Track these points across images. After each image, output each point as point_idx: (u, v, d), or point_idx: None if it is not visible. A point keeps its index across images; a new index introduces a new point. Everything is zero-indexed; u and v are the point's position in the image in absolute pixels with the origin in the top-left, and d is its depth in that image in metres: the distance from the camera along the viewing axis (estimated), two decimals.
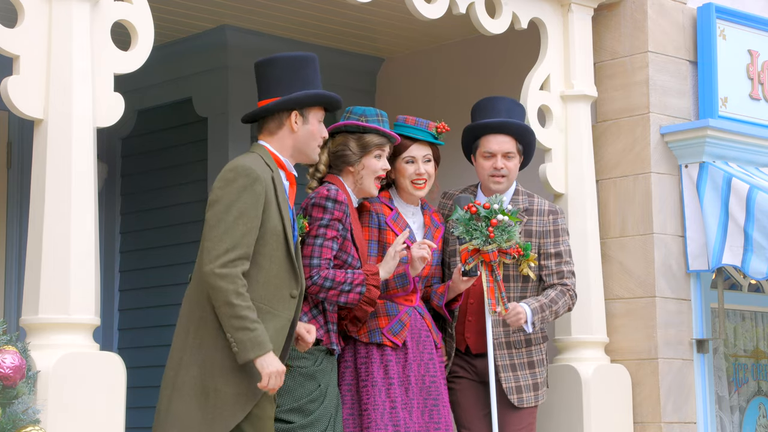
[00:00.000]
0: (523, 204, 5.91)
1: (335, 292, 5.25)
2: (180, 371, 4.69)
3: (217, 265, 4.57)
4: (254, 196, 4.67)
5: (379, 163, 5.49)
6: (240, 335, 4.56)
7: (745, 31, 7.21)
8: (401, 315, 5.56)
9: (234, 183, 4.68)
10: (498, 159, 5.85)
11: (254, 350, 4.57)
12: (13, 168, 7.90)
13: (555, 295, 5.80)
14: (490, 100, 5.99)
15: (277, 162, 4.89)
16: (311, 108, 4.95)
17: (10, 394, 4.61)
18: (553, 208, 5.97)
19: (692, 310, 6.86)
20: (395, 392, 5.44)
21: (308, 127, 4.95)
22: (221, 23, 7.72)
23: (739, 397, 7.22)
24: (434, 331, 5.69)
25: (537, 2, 6.70)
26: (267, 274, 4.72)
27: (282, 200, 4.80)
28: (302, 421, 5.18)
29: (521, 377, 5.82)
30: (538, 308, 5.71)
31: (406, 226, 5.64)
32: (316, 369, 5.26)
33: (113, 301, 8.51)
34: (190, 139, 8.10)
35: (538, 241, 5.87)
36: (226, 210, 4.64)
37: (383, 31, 7.85)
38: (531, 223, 5.88)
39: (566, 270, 5.88)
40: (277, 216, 4.76)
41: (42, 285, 4.93)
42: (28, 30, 5.04)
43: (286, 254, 4.79)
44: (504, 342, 5.82)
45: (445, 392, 5.63)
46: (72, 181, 5.00)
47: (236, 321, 4.56)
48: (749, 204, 6.59)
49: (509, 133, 5.88)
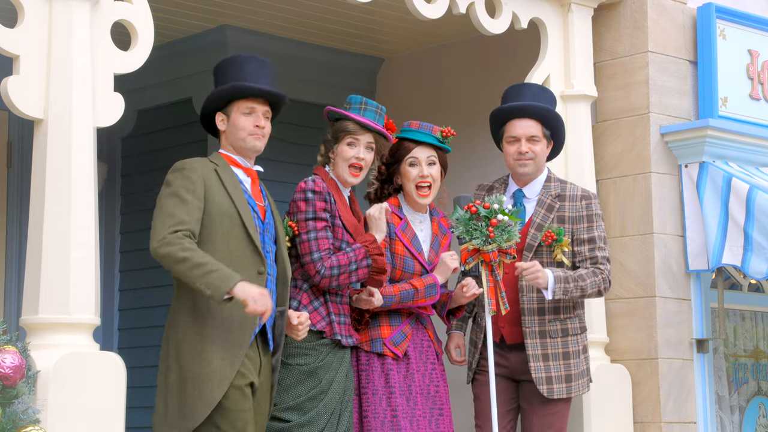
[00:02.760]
0: (555, 190, 5.83)
1: (346, 276, 5.25)
2: (169, 374, 4.82)
3: (156, 240, 4.72)
4: (186, 180, 4.84)
5: (351, 151, 5.41)
6: (206, 278, 4.64)
7: (745, 31, 7.21)
8: (403, 326, 5.54)
9: (168, 182, 4.88)
10: (522, 143, 5.79)
11: (226, 282, 4.64)
12: (13, 168, 7.90)
13: (585, 273, 5.69)
14: (516, 86, 5.95)
15: (229, 160, 5.03)
16: (231, 104, 5.03)
17: (10, 394, 4.62)
18: (586, 193, 5.88)
19: (692, 310, 6.86)
20: (396, 401, 5.41)
21: (232, 122, 5.04)
22: (221, 23, 7.71)
23: (739, 396, 7.22)
24: (435, 341, 5.68)
25: (537, 2, 6.70)
26: (227, 254, 4.82)
27: (232, 188, 4.92)
28: (299, 420, 5.17)
29: (553, 368, 5.72)
30: (562, 278, 5.61)
31: (413, 236, 5.61)
32: (318, 365, 5.24)
33: (113, 301, 8.51)
34: (190, 139, 8.09)
35: (571, 227, 5.78)
36: (166, 201, 4.82)
37: (383, 31, 7.85)
38: (564, 209, 5.80)
39: (600, 255, 5.76)
40: (226, 200, 4.88)
41: (42, 285, 4.93)
42: (28, 30, 5.04)
43: (245, 234, 4.88)
44: (538, 331, 5.74)
45: (447, 400, 5.62)
46: (72, 181, 5.00)
47: (196, 270, 4.65)
48: (749, 204, 6.59)
49: (532, 116, 5.80)
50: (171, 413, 4.79)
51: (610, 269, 5.79)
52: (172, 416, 4.78)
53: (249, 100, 5.02)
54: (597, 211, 5.83)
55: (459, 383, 6.77)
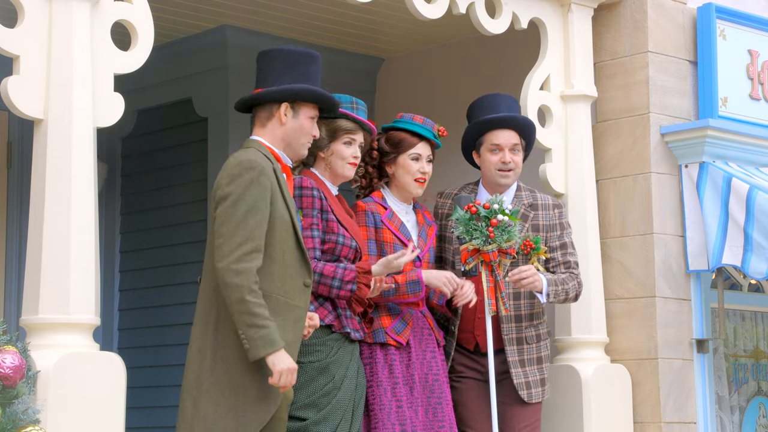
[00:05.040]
0: (527, 199, 5.98)
1: (324, 287, 5.23)
2: (203, 372, 4.63)
3: (231, 260, 4.53)
4: (261, 188, 4.64)
5: (348, 150, 5.44)
6: (251, 332, 4.52)
7: (745, 31, 7.20)
8: (404, 314, 5.57)
9: (240, 178, 4.64)
10: (506, 153, 5.90)
11: (265, 347, 4.52)
12: (13, 168, 7.90)
13: (565, 277, 5.89)
14: (492, 97, 6.05)
15: (273, 154, 4.85)
16: (303, 103, 4.90)
17: (10, 394, 4.61)
18: (556, 202, 6.08)
19: (692, 310, 6.86)
20: (400, 391, 5.44)
21: (298, 122, 4.90)
22: (221, 23, 7.71)
23: (739, 397, 7.22)
24: (436, 329, 5.70)
25: (537, 2, 6.70)
26: (281, 265, 4.69)
27: (285, 190, 4.77)
28: (315, 417, 5.17)
29: (530, 373, 5.83)
30: (552, 281, 5.80)
31: (401, 224, 5.65)
32: (330, 360, 5.25)
33: (113, 301, 8.50)
34: (190, 139, 8.10)
35: (545, 235, 5.94)
36: (235, 205, 4.60)
37: (383, 31, 7.85)
38: (538, 217, 5.96)
39: (572, 260, 5.97)
40: (283, 206, 4.73)
41: (42, 285, 4.93)
42: (28, 30, 5.04)
43: (296, 244, 4.76)
44: (515, 338, 5.82)
45: (448, 390, 5.64)
46: (72, 181, 5.00)
47: (248, 318, 4.51)
48: (749, 204, 6.59)
49: (515, 127, 5.95)
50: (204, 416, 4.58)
51: (580, 273, 6.01)
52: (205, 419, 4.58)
53: (316, 108, 4.94)
54: (566, 219, 6.09)
55: None
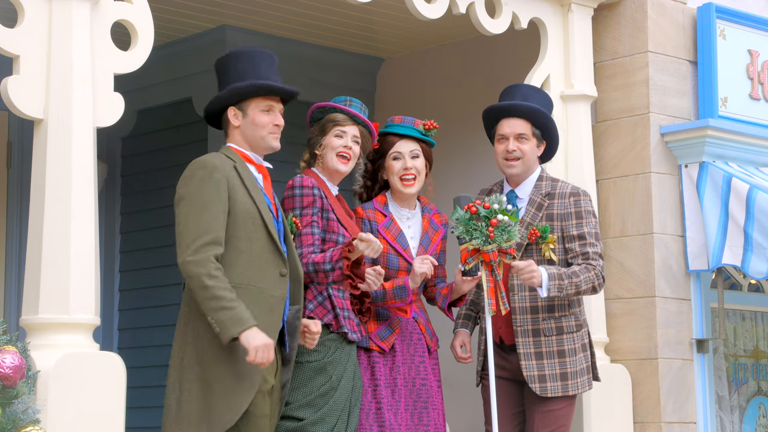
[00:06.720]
0: (545, 189, 5.81)
1: (322, 274, 5.23)
2: (183, 372, 4.72)
3: (188, 253, 4.63)
4: (214, 183, 4.75)
5: (339, 141, 5.45)
6: (219, 315, 4.58)
7: (745, 31, 7.21)
8: (391, 320, 5.56)
9: (192, 178, 4.78)
10: (510, 142, 5.79)
11: (236, 326, 4.58)
12: (13, 168, 7.90)
13: (578, 269, 5.66)
14: (509, 87, 5.95)
15: (242, 156, 4.96)
16: (248, 100, 4.97)
17: (10, 394, 4.62)
18: (575, 190, 5.83)
19: (692, 310, 6.86)
20: (381, 394, 5.45)
21: (248, 118, 4.98)
22: (221, 23, 7.71)
23: (739, 397, 7.22)
24: (428, 335, 5.68)
25: (537, 2, 6.70)
26: (249, 255, 4.77)
27: (251, 186, 4.86)
28: (312, 417, 5.18)
29: (546, 366, 5.71)
30: (556, 275, 5.59)
31: (399, 232, 5.63)
32: (328, 361, 5.26)
33: (113, 301, 8.51)
34: (190, 139, 8.10)
35: (560, 225, 5.75)
36: (190, 204, 4.72)
37: (383, 31, 7.85)
38: (552, 206, 5.78)
39: (591, 251, 5.72)
40: (247, 200, 4.81)
41: (42, 285, 4.93)
42: (28, 30, 5.04)
43: (267, 235, 4.84)
44: (530, 329, 5.72)
45: (436, 395, 5.62)
46: (72, 181, 5.01)
47: (213, 302, 4.59)
48: (749, 204, 6.59)
49: (519, 115, 5.80)
50: (187, 415, 4.68)
51: (603, 265, 5.75)
52: (189, 418, 4.68)
53: (268, 98, 4.98)
54: (587, 208, 5.80)
55: (461, 383, 6.78)
